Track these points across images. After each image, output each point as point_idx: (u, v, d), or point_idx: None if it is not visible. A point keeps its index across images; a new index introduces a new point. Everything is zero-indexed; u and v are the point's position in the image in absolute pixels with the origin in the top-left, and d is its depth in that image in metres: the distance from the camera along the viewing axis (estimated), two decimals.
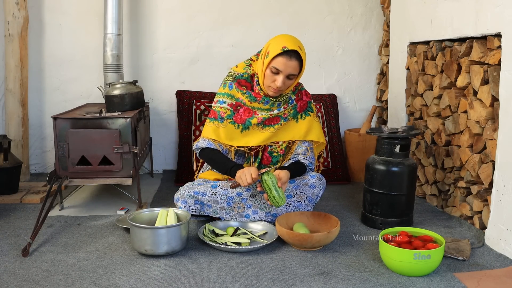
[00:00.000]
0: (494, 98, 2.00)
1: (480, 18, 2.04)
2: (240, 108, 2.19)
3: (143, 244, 1.85)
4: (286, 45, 2.02)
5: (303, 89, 2.28)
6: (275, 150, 2.25)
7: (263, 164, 2.26)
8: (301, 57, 2.04)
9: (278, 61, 2.03)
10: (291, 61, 2.02)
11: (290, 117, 2.23)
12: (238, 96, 2.19)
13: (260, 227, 2.13)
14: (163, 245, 1.85)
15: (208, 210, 2.17)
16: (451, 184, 2.38)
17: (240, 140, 2.19)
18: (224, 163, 2.14)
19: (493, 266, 1.81)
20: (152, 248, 1.84)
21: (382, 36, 3.37)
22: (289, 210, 2.17)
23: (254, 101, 2.17)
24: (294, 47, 2.02)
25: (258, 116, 2.18)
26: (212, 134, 2.17)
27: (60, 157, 2.38)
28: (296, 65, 2.04)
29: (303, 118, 2.25)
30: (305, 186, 2.19)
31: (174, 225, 1.88)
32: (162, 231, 1.84)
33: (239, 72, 2.21)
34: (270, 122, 2.20)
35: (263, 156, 2.25)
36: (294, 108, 2.23)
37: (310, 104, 2.28)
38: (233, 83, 2.19)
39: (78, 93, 3.23)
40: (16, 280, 1.68)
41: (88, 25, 3.17)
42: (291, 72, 2.04)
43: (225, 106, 2.18)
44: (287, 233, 1.92)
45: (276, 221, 1.99)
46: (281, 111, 2.20)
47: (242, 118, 2.18)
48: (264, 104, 2.17)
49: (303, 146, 2.23)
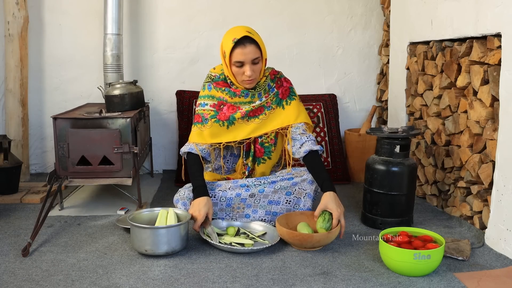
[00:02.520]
0: (494, 98, 2.00)
1: (480, 18, 2.04)
2: (223, 106, 2.20)
3: (143, 244, 1.85)
4: (234, 36, 2.05)
5: (282, 76, 2.29)
6: (265, 140, 2.25)
7: (257, 157, 2.26)
8: (254, 39, 2.06)
9: (236, 54, 2.05)
10: (246, 47, 2.04)
11: (274, 105, 2.23)
12: (218, 95, 2.20)
13: (260, 228, 2.12)
14: (163, 245, 1.85)
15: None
16: (451, 184, 2.38)
17: (226, 136, 2.19)
18: (193, 179, 2.12)
19: (493, 266, 1.81)
20: (152, 248, 1.84)
21: (382, 36, 3.37)
22: (288, 207, 2.17)
23: (235, 96, 2.18)
24: (242, 34, 2.04)
25: (242, 110, 2.19)
26: (196, 138, 2.18)
27: (60, 157, 2.38)
28: (253, 48, 2.05)
29: (289, 103, 2.24)
30: (304, 182, 2.19)
31: (174, 225, 1.88)
32: (162, 231, 1.84)
33: (216, 73, 2.23)
34: (254, 113, 2.21)
35: (255, 148, 2.26)
36: (276, 95, 2.23)
37: (292, 89, 2.28)
38: (211, 83, 2.22)
39: (78, 93, 3.23)
40: (16, 280, 1.68)
41: (88, 25, 3.17)
42: (253, 57, 2.06)
43: (208, 108, 2.20)
44: (287, 233, 1.92)
45: (276, 220, 1.99)
46: (263, 101, 2.20)
47: (226, 115, 2.19)
48: (245, 97, 2.18)
49: (299, 127, 2.21)
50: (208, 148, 2.19)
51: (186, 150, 2.20)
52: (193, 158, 2.18)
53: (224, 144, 2.20)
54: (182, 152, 2.22)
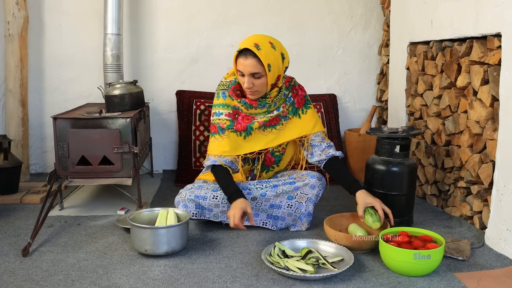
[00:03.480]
0: (494, 98, 2.00)
1: (480, 18, 2.04)
2: (238, 115, 2.17)
3: (143, 244, 1.85)
4: (240, 46, 2.02)
5: (296, 84, 2.26)
6: (276, 149, 2.26)
7: (266, 165, 2.26)
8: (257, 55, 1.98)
9: (239, 63, 2.03)
10: (246, 60, 1.99)
11: (291, 115, 2.21)
12: (233, 103, 2.16)
13: (333, 251, 1.88)
14: (163, 245, 1.85)
15: (209, 215, 2.16)
16: (451, 184, 2.38)
17: (245, 147, 2.17)
18: (225, 188, 2.09)
19: (493, 266, 1.81)
20: (152, 248, 1.84)
21: (382, 36, 3.37)
22: (290, 211, 2.17)
23: (251, 108, 2.15)
24: (246, 46, 1.99)
25: (259, 120, 2.16)
26: (216, 150, 2.14)
27: (60, 157, 2.38)
28: (253, 62, 1.99)
29: (305, 112, 2.23)
30: (306, 187, 2.18)
31: (174, 225, 1.88)
32: (162, 231, 1.84)
33: (231, 79, 2.19)
34: (271, 123, 2.19)
35: (265, 157, 2.26)
36: (292, 104, 2.22)
37: (307, 97, 2.27)
38: (226, 92, 2.16)
39: (78, 93, 3.23)
40: (16, 280, 1.68)
41: (88, 25, 3.17)
42: (251, 71, 2.00)
43: (223, 118, 2.16)
44: (345, 238, 1.90)
45: (325, 223, 2.01)
46: (280, 111, 2.19)
47: (242, 125, 2.15)
48: (261, 109, 2.16)
49: (318, 135, 2.21)
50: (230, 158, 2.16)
51: (209, 164, 2.16)
52: (218, 169, 2.14)
53: (243, 156, 2.19)
54: (206, 166, 2.19)
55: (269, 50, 2.01)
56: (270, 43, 2.03)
